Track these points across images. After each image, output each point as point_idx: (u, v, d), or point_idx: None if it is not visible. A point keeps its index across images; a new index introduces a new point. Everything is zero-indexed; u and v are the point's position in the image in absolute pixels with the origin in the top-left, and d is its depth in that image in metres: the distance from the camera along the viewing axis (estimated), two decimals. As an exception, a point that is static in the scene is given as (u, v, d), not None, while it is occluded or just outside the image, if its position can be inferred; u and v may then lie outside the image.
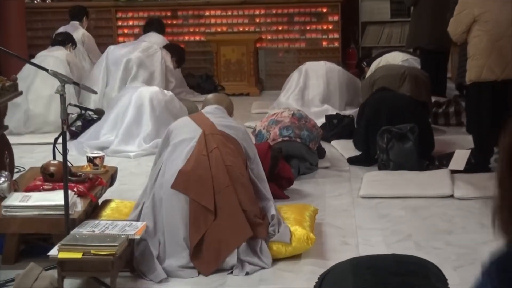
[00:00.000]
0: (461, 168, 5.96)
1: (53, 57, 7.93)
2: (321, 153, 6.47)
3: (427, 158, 6.24)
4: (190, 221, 4.25)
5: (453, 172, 5.92)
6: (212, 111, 4.74)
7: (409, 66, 7.85)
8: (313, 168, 6.25)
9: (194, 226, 4.25)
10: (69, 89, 7.08)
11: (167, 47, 8.87)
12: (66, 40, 8.44)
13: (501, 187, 1.69)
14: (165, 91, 7.60)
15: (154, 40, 9.08)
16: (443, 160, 6.23)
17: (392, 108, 6.60)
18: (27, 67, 7.32)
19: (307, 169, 6.16)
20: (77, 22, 9.38)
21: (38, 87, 7.72)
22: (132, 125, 7.05)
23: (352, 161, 6.52)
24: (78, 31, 9.17)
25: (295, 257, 4.48)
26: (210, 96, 5.13)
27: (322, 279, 2.94)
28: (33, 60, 6.68)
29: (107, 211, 4.78)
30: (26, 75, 7.63)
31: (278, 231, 4.41)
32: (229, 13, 10.53)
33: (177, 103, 7.37)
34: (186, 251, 4.27)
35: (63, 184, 4.22)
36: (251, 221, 4.33)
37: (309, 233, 4.49)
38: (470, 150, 6.14)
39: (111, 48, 8.39)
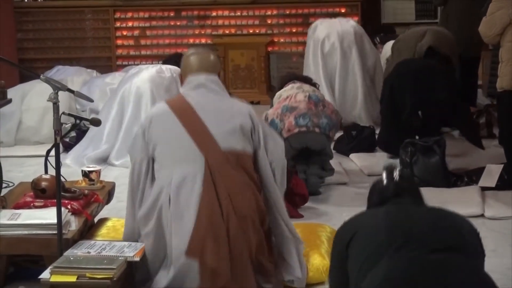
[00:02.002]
0: (493, 184, 5.95)
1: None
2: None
3: (455, 174, 6.25)
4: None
5: (484, 189, 5.91)
6: (199, 95, 4.19)
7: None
8: (329, 173, 6.14)
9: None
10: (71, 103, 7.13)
11: (166, 62, 8.79)
12: None
13: None
14: (162, 73, 7.59)
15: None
16: (472, 176, 6.20)
17: (416, 71, 6.75)
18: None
19: (320, 178, 6.08)
20: None
21: (32, 98, 7.77)
22: (133, 124, 7.00)
23: (379, 142, 6.59)
24: None
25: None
26: (192, 58, 4.31)
27: (350, 240, 2.94)
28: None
29: (103, 231, 4.78)
30: (20, 86, 7.71)
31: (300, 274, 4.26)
32: (238, 13, 10.52)
33: (177, 84, 7.17)
34: None
35: (55, 201, 4.22)
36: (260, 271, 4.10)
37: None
38: (502, 165, 6.11)
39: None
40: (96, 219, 4.93)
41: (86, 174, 5.13)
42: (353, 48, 8.75)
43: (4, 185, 5.46)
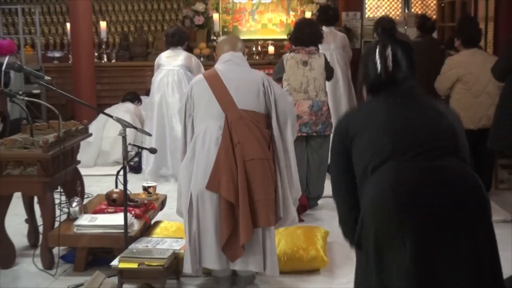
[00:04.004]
0: None
1: (122, 110, 7.88)
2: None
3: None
4: (221, 216, 3.92)
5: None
6: (227, 68, 4.17)
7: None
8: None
9: (226, 220, 3.90)
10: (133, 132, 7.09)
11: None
12: (134, 98, 8.52)
13: None
14: (180, 58, 7.11)
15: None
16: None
17: None
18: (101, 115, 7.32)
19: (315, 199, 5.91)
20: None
21: (108, 130, 7.80)
22: (176, 139, 6.73)
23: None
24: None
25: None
26: (222, 43, 4.37)
27: (353, 136, 2.52)
28: (106, 110, 6.78)
29: (157, 230, 4.79)
30: (99, 121, 7.74)
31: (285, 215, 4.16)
32: None
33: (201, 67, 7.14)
34: (217, 241, 3.95)
35: (123, 208, 4.26)
36: (262, 209, 3.95)
37: (324, 256, 4.44)
38: None
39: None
40: (152, 222, 4.94)
41: (145, 189, 5.15)
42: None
43: (86, 196, 5.49)
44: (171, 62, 7.17)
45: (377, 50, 2.56)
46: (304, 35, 5.81)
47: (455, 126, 2.50)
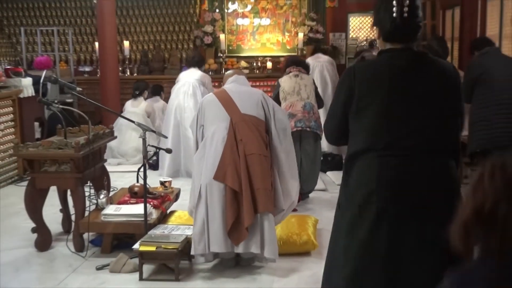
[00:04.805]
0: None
1: (135, 113, 7.74)
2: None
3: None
4: (227, 203, 3.91)
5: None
6: (233, 86, 4.27)
7: None
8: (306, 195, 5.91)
9: (231, 207, 3.90)
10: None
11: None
12: (142, 90, 8.19)
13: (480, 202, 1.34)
14: (197, 74, 7.18)
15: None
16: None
17: None
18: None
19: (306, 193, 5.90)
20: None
21: (132, 134, 7.75)
22: (188, 138, 6.83)
23: None
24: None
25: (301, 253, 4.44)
26: (228, 73, 4.52)
27: (360, 83, 2.33)
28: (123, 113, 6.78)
29: (172, 218, 4.78)
30: (120, 124, 7.74)
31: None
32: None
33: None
34: (223, 228, 3.94)
35: (143, 199, 4.27)
36: (261, 197, 3.94)
37: (314, 241, 4.44)
38: None
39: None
40: (168, 211, 4.93)
41: (162, 183, 5.15)
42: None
43: (111, 189, 5.49)
44: (189, 76, 7.28)
45: None
46: (295, 60, 6.17)
47: (446, 115, 2.28)
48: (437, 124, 2.29)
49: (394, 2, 2.25)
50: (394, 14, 2.25)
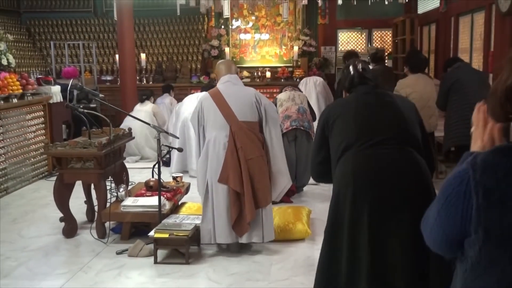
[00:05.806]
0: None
1: (144, 111, 7.65)
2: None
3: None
4: (231, 202, 3.91)
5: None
6: (227, 87, 4.04)
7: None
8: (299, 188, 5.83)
9: (234, 205, 3.90)
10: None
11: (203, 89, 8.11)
12: (149, 96, 8.06)
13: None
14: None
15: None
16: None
17: None
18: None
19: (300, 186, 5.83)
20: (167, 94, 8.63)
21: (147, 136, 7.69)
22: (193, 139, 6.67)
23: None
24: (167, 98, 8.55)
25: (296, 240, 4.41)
26: (220, 66, 4.16)
27: (333, 121, 2.49)
28: (131, 113, 6.72)
29: (183, 209, 4.76)
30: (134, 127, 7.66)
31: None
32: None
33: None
34: (228, 222, 3.95)
35: (158, 192, 4.25)
36: (261, 194, 3.94)
37: (308, 229, 4.41)
38: None
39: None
40: (179, 203, 4.90)
41: (174, 178, 5.13)
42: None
43: (130, 183, 5.47)
44: (199, 92, 7.29)
45: (351, 63, 2.69)
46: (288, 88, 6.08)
47: (407, 119, 2.42)
48: (402, 122, 2.41)
49: (351, 67, 2.65)
50: (352, 73, 2.62)
